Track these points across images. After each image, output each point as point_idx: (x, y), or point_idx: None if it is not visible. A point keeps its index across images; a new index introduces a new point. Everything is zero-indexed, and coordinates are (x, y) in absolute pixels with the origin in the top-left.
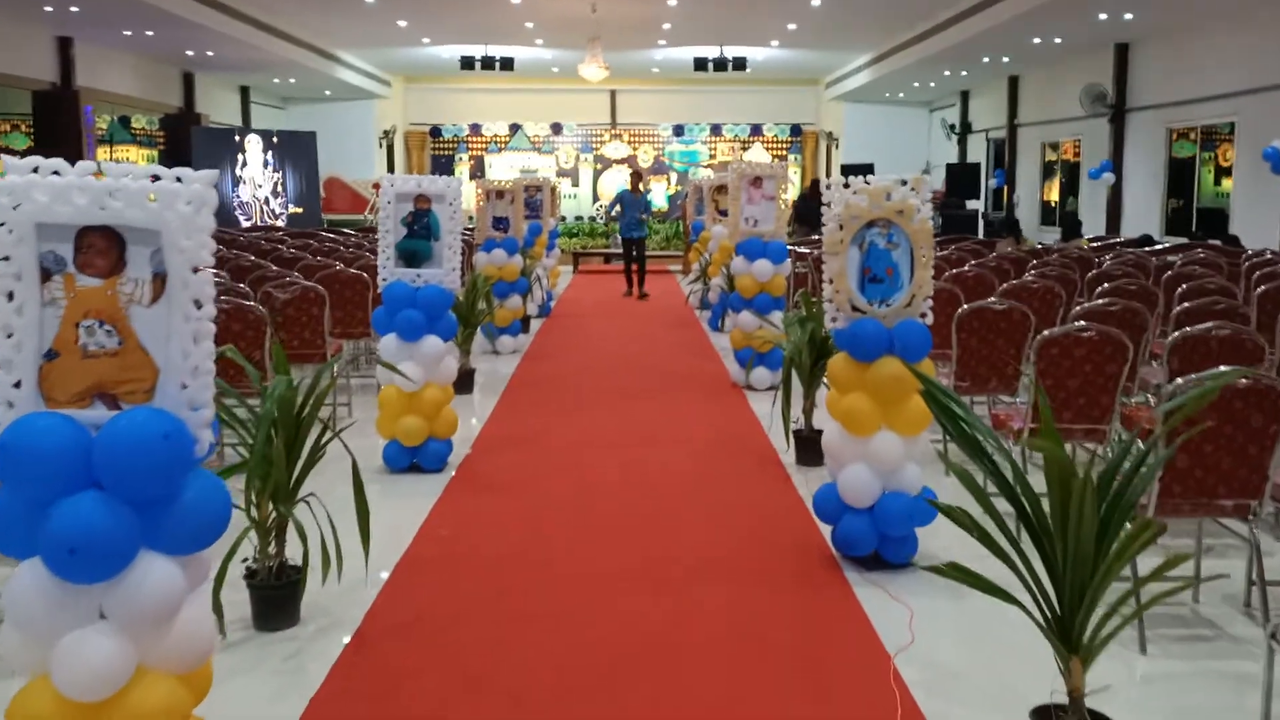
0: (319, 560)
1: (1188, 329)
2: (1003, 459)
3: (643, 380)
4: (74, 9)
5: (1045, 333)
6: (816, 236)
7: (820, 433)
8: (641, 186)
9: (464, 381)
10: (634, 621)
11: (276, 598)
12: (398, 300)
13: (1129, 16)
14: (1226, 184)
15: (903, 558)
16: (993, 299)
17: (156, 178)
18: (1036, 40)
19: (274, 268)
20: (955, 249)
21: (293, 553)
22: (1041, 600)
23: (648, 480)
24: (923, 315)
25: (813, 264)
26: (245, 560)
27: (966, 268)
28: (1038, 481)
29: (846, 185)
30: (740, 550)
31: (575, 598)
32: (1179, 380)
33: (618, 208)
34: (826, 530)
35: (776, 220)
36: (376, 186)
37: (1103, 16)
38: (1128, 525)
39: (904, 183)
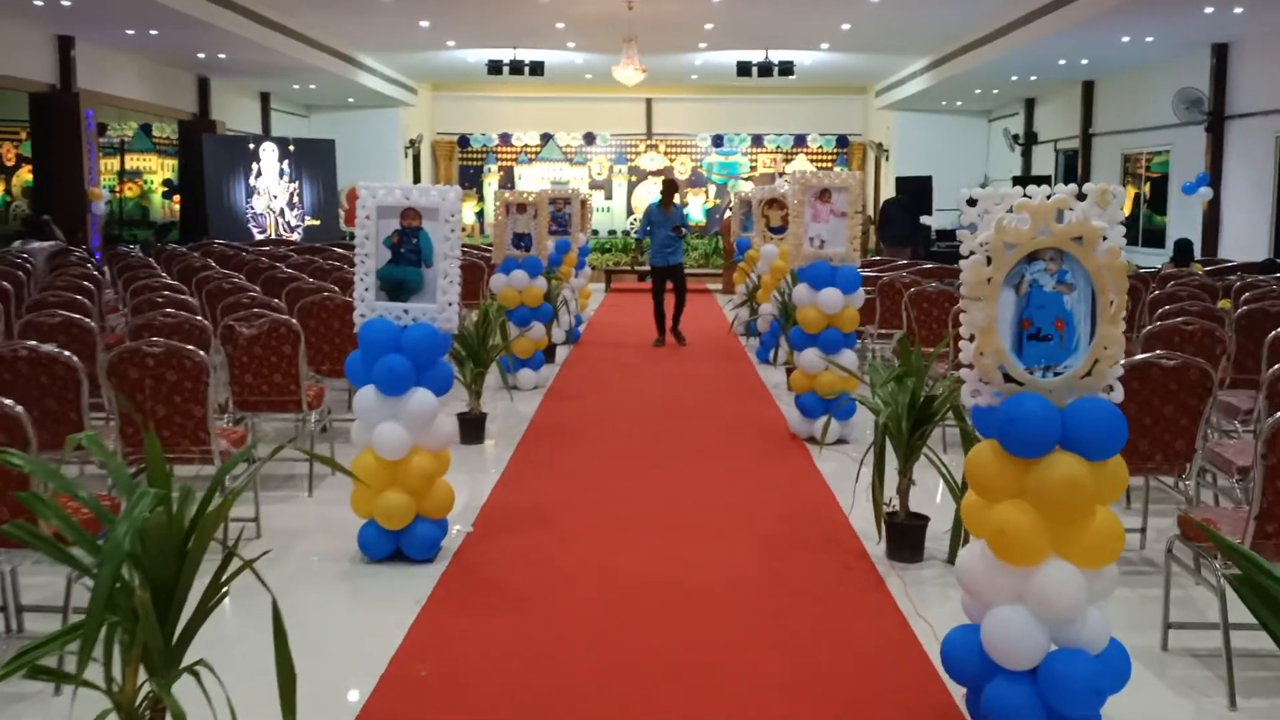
0: None
1: None
2: None
3: (685, 429)
4: (66, 3)
5: None
6: (899, 259)
7: (920, 520)
8: (677, 199)
9: (474, 429)
10: None
11: None
12: (378, 343)
13: (1238, 10)
14: None
15: None
16: (1159, 352)
17: None
18: (1125, 39)
19: (255, 291)
20: None
21: None
22: None
23: (700, 592)
24: (1108, 389)
25: (881, 291)
26: None
27: None
28: None
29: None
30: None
31: None
32: None
33: (648, 227)
34: (956, 687)
35: (848, 241)
36: (352, 197)
37: (1209, 10)
38: None
39: (1083, 196)
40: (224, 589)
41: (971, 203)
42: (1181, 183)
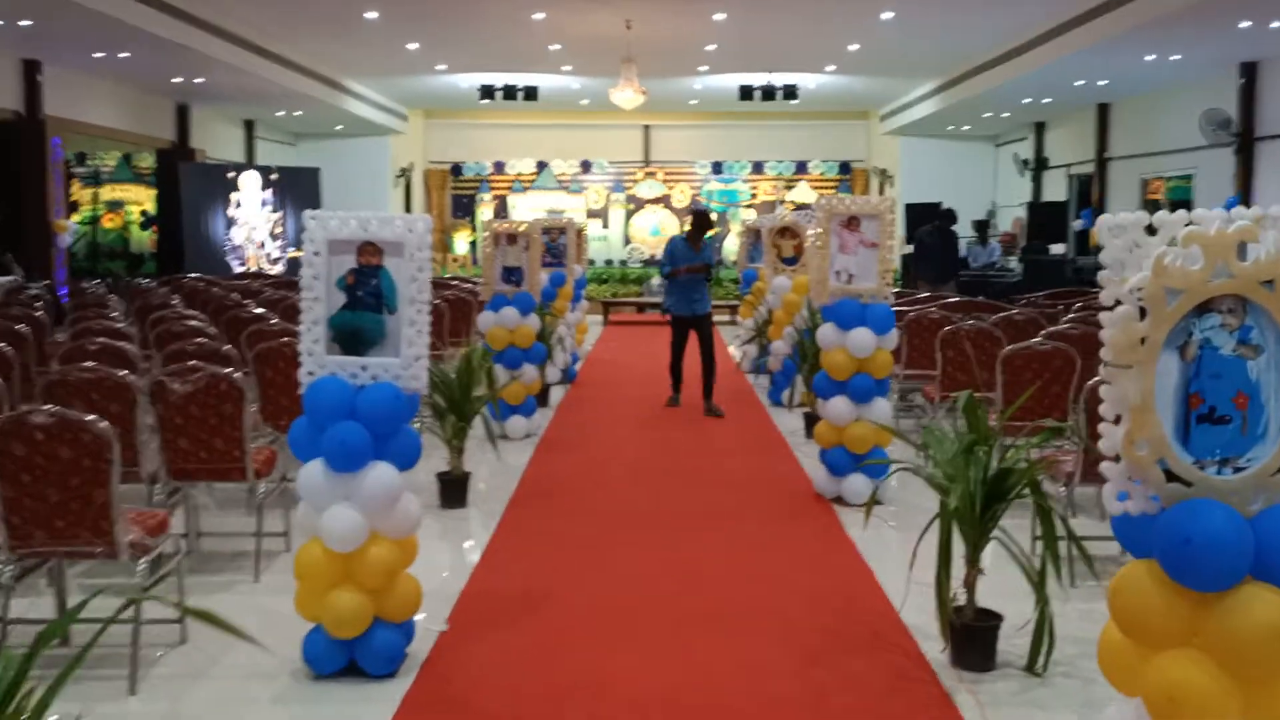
0: None
1: None
2: None
3: (695, 486)
4: (24, 23)
5: None
6: (936, 291)
7: (991, 619)
8: (707, 233)
9: (455, 491)
10: None
11: None
12: (328, 407)
13: (1276, 25)
14: None
15: None
16: None
17: None
18: (1150, 57)
19: (209, 335)
20: (1085, 310)
21: None
22: None
23: (724, 716)
24: None
25: (909, 328)
26: None
27: None
28: None
29: (1151, 229)
30: None
31: None
32: None
33: (669, 266)
34: None
35: (879, 274)
36: None
37: (1244, 25)
38: None
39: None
40: None
41: (1114, 233)
42: (1207, 208)
